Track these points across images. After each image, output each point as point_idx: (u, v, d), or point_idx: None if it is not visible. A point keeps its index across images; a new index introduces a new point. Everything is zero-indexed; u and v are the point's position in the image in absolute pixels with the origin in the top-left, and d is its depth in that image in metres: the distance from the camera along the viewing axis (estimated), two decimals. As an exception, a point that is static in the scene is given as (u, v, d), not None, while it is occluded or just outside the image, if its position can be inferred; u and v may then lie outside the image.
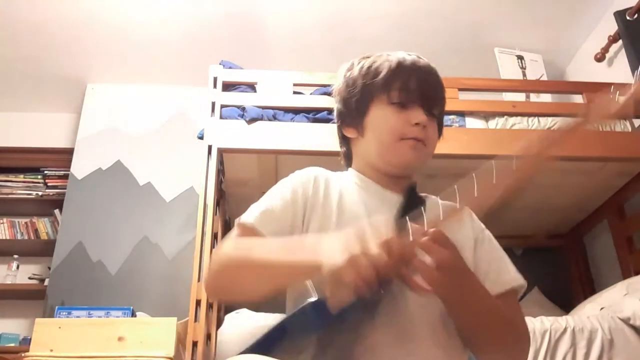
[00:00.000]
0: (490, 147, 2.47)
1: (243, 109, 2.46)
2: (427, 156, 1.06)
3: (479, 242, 1.04)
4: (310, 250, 0.82)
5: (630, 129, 2.59)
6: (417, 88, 1.04)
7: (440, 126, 1.11)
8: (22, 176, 3.66)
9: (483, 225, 1.08)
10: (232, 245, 0.96)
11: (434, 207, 0.91)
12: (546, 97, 3.20)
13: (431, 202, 1.04)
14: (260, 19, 3.35)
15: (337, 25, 3.37)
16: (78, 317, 2.45)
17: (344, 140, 1.14)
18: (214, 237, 2.33)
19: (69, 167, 3.51)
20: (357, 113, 1.07)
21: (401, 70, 1.04)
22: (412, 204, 1.00)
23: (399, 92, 1.03)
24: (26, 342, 2.87)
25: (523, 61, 3.42)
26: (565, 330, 2.16)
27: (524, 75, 3.36)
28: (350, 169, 1.13)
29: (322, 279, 0.79)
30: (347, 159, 1.15)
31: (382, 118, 1.05)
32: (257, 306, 2.42)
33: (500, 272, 1.01)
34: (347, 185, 1.07)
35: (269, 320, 1.05)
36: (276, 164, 2.52)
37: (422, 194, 1.09)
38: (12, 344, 3.12)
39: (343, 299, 0.78)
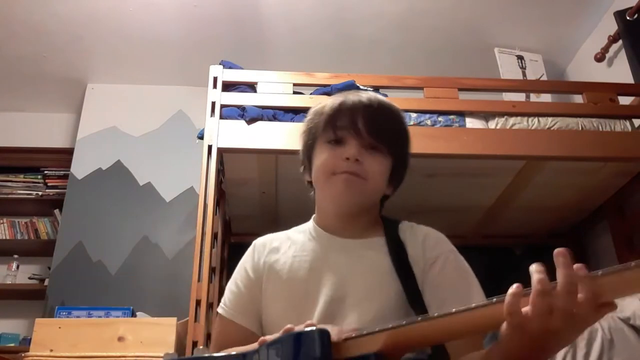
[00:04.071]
0: (490, 147, 2.47)
1: (243, 109, 2.46)
2: (366, 190, 1.03)
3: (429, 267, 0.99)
4: None
5: (630, 129, 2.58)
6: (351, 123, 1.03)
7: (400, 159, 1.07)
8: (22, 176, 3.66)
9: (442, 250, 1.01)
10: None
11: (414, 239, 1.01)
12: (546, 97, 3.20)
13: (408, 233, 1.04)
14: (260, 19, 3.35)
15: (337, 25, 3.37)
16: (78, 317, 2.45)
17: (311, 187, 1.12)
18: (214, 237, 2.33)
19: (69, 167, 3.51)
20: (307, 159, 1.10)
21: (340, 109, 1.05)
22: (395, 247, 1.00)
23: (333, 130, 1.04)
24: (26, 342, 2.87)
25: (523, 61, 3.42)
26: (565, 330, 2.15)
27: (524, 75, 3.37)
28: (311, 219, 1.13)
29: None
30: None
31: (318, 157, 1.06)
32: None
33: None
34: (299, 240, 1.08)
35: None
36: (276, 164, 2.52)
37: (397, 222, 1.07)
38: (12, 344, 3.13)
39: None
